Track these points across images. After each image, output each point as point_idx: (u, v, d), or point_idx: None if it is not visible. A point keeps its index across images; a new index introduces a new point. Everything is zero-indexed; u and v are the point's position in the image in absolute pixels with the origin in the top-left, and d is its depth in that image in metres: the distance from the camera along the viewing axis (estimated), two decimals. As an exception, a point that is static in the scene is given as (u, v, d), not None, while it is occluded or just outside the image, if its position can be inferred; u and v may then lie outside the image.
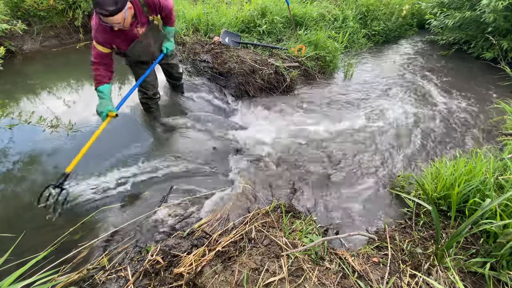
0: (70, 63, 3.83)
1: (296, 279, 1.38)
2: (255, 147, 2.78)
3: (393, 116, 3.36)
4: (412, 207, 2.07)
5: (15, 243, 1.51)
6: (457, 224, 1.87)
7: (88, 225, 1.89)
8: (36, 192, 2.11)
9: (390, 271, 1.52)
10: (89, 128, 2.75)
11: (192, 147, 2.68)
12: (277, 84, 3.67)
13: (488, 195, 1.78)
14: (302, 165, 2.61)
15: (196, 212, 2.06)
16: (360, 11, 5.37)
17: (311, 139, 2.93)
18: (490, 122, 3.28)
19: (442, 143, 2.95)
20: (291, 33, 4.38)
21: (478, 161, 2.02)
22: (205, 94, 3.42)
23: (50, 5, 4.05)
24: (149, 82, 2.63)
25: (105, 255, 1.69)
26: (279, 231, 1.70)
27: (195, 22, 4.17)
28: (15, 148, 2.47)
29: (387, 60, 4.94)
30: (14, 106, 2.98)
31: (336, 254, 1.60)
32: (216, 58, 3.66)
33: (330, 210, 2.17)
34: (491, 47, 4.60)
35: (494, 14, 4.01)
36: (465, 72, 4.55)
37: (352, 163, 2.65)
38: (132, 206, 2.07)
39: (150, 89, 2.69)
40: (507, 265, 1.55)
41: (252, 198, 2.20)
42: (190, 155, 2.59)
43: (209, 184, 2.33)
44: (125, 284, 1.49)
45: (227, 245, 1.60)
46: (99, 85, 2.06)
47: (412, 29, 6.26)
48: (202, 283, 1.39)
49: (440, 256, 1.57)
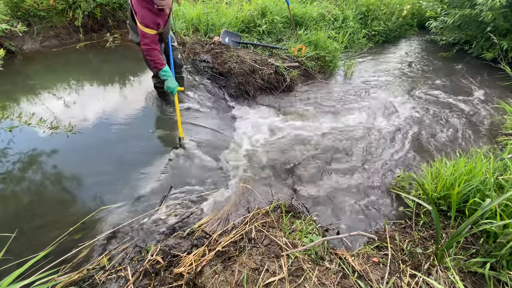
0: (70, 63, 3.83)
1: (296, 279, 1.38)
2: (255, 147, 2.78)
3: (393, 116, 3.36)
4: (412, 207, 2.07)
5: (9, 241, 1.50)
6: (457, 224, 1.87)
7: (88, 225, 1.88)
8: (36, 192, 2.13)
9: (390, 271, 1.52)
10: (90, 128, 2.75)
11: (191, 147, 2.68)
12: (277, 84, 3.67)
13: (488, 195, 1.78)
14: (302, 164, 2.60)
15: (196, 212, 2.06)
16: (360, 11, 5.37)
17: (311, 138, 2.93)
18: (490, 122, 3.28)
19: (442, 143, 2.95)
20: (291, 33, 4.38)
21: (478, 161, 2.02)
22: (205, 93, 3.42)
23: (50, 5, 4.05)
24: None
25: (105, 255, 1.68)
26: (279, 231, 1.70)
27: (195, 22, 4.17)
28: (15, 149, 2.47)
29: (387, 60, 4.94)
30: (14, 107, 2.98)
31: (336, 254, 1.60)
32: (216, 58, 3.65)
33: (330, 210, 2.17)
34: (491, 47, 4.60)
35: (493, 12, 4.01)
36: (465, 72, 4.55)
37: (352, 162, 2.65)
38: (132, 206, 2.07)
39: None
40: (507, 265, 1.55)
41: (252, 198, 2.20)
42: (189, 154, 2.59)
43: (209, 184, 2.33)
44: (125, 284, 1.49)
45: (227, 245, 1.60)
46: (163, 66, 2.30)
47: (412, 29, 6.26)
48: (202, 283, 1.39)
49: (440, 256, 1.57)
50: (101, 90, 3.32)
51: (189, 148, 2.63)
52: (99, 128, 2.77)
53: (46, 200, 2.09)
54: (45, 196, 2.12)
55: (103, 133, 2.72)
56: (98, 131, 2.73)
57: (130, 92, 3.35)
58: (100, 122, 2.84)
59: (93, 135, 2.67)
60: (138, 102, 3.17)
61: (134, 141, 2.64)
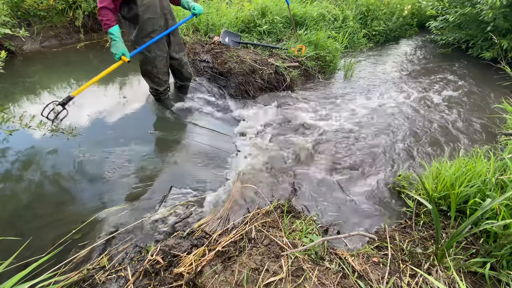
0: (70, 63, 3.83)
1: (296, 279, 1.38)
2: (255, 147, 2.77)
3: (392, 116, 3.36)
4: (412, 207, 2.07)
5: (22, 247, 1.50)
6: (457, 224, 1.87)
7: (88, 225, 1.88)
8: (36, 193, 2.13)
9: (390, 271, 1.52)
10: (90, 128, 2.75)
11: (192, 147, 2.68)
12: (277, 84, 3.66)
13: (489, 195, 1.77)
14: (302, 164, 2.60)
15: (196, 212, 2.06)
16: (360, 11, 5.37)
17: (311, 138, 2.93)
18: (490, 121, 3.28)
19: (442, 142, 2.95)
20: (291, 33, 4.38)
21: (479, 161, 2.01)
22: (205, 93, 3.42)
23: (50, 5, 4.05)
24: (161, 78, 2.70)
25: (105, 255, 1.68)
26: (279, 231, 1.70)
27: (195, 22, 4.17)
28: (15, 150, 2.47)
29: (387, 60, 4.94)
30: (14, 107, 2.98)
31: (336, 254, 1.60)
32: (216, 58, 3.65)
33: (330, 210, 2.17)
34: (491, 47, 4.60)
35: (493, 11, 4.01)
36: (465, 72, 4.55)
37: (352, 162, 2.65)
38: (132, 206, 2.07)
39: (162, 85, 2.74)
40: (507, 265, 1.55)
41: (252, 198, 2.20)
42: (190, 154, 2.59)
43: (209, 184, 2.33)
44: (125, 284, 1.49)
45: (227, 245, 1.60)
46: (110, 27, 2.19)
47: (412, 29, 6.26)
48: (202, 283, 1.39)
49: (440, 256, 1.57)
50: (101, 90, 3.32)
51: (189, 148, 2.63)
52: (99, 128, 2.77)
53: (46, 201, 2.09)
54: (45, 196, 2.12)
55: (102, 133, 2.72)
56: (98, 131, 2.73)
57: (130, 93, 3.35)
58: (100, 122, 2.84)
59: (92, 135, 2.67)
60: (139, 102, 3.17)
61: (134, 141, 2.64)
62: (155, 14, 2.38)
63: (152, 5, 2.33)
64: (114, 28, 2.21)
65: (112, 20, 2.20)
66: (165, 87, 2.86)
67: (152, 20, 2.38)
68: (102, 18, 2.17)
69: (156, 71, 2.64)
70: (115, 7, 2.21)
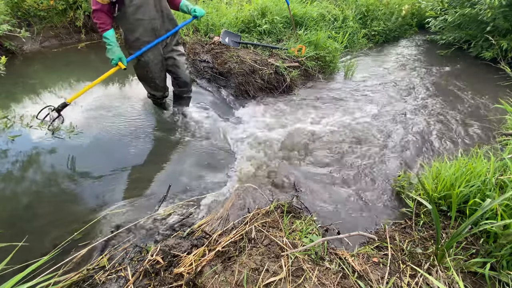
0: (70, 63, 3.83)
1: (296, 279, 1.38)
2: (255, 147, 2.77)
3: (392, 116, 3.36)
4: (412, 207, 2.07)
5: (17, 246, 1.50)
6: (457, 224, 1.87)
7: (87, 225, 1.88)
8: (36, 192, 2.12)
9: (390, 271, 1.52)
10: (90, 128, 2.75)
11: (192, 147, 2.68)
12: (277, 84, 3.67)
13: (489, 195, 1.77)
14: (302, 164, 2.60)
15: (196, 212, 2.06)
16: (360, 11, 5.37)
17: (311, 138, 2.93)
18: (490, 122, 3.28)
19: (442, 142, 2.95)
20: (291, 33, 4.38)
21: (479, 161, 2.01)
22: (205, 93, 3.43)
23: (50, 5, 4.05)
24: (158, 84, 2.65)
25: (105, 255, 1.68)
26: (279, 231, 1.70)
27: (195, 22, 4.17)
28: (15, 150, 2.47)
29: (387, 60, 4.94)
30: (14, 107, 2.98)
31: (336, 254, 1.59)
32: (216, 58, 3.66)
33: (330, 210, 2.17)
34: (490, 47, 4.60)
35: (492, 11, 4.01)
36: (465, 72, 4.55)
37: (352, 162, 2.65)
38: (131, 206, 2.07)
39: (160, 90, 2.71)
40: (507, 265, 1.55)
41: (252, 198, 2.20)
42: (189, 154, 2.59)
43: (209, 184, 2.33)
44: (125, 284, 1.48)
45: (227, 245, 1.60)
46: (104, 31, 2.16)
47: (412, 29, 6.26)
48: (202, 283, 1.39)
49: (440, 256, 1.57)
50: (102, 91, 3.32)
51: (189, 148, 2.63)
52: (99, 128, 2.77)
53: (46, 201, 2.09)
54: (45, 196, 2.12)
55: (102, 133, 2.72)
56: (97, 131, 2.73)
57: (130, 93, 3.36)
58: (100, 123, 2.84)
59: (92, 135, 2.68)
60: (139, 102, 3.18)
61: (134, 142, 2.64)
62: (147, 15, 2.22)
63: (144, 5, 2.18)
64: (109, 33, 2.17)
65: (107, 24, 2.15)
66: (163, 93, 2.76)
67: (143, 21, 2.23)
68: (97, 21, 2.14)
69: (152, 75, 2.53)
70: (109, 9, 2.12)
